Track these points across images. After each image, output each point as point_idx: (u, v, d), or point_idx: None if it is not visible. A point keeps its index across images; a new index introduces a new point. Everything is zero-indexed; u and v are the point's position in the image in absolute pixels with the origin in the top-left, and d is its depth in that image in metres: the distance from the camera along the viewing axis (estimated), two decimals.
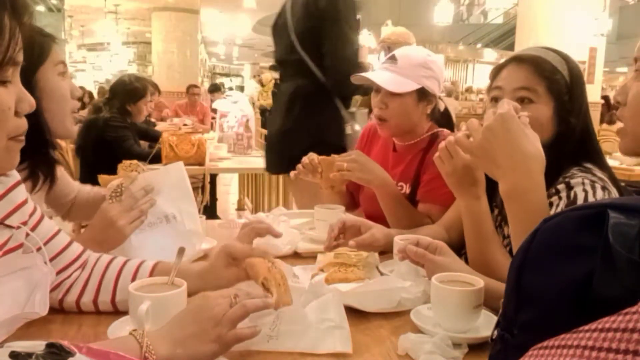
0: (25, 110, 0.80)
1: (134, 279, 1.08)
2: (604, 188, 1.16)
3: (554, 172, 1.19)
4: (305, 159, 1.70)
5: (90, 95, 10.27)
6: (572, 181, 1.17)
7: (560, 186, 1.18)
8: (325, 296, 1.01)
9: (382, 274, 1.32)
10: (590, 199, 1.13)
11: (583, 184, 1.16)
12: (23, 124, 0.81)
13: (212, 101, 8.14)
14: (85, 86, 12.42)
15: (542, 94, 1.23)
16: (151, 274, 1.09)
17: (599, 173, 1.20)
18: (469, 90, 12.71)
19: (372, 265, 1.36)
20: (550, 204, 1.16)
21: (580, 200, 1.13)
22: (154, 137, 4.08)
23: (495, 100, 1.27)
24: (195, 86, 8.08)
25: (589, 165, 1.21)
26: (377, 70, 1.79)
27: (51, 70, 1.28)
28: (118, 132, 3.40)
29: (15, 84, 0.78)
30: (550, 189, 1.18)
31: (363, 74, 1.81)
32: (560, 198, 1.16)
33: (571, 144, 1.23)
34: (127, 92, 3.59)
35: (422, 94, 1.72)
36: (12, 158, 0.82)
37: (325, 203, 1.79)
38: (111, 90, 3.77)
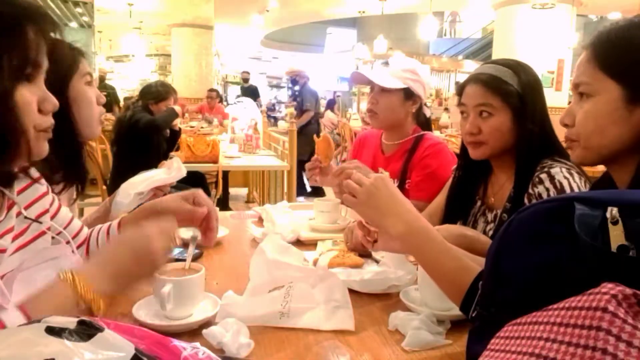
0: (48, 109, 0.79)
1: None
2: (578, 173, 1.20)
3: (527, 167, 1.25)
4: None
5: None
6: (552, 170, 1.20)
7: (543, 175, 1.21)
8: (332, 279, 1.01)
9: (374, 259, 1.32)
10: (572, 183, 1.17)
11: (562, 171, 1.19)
12: (48, 120, 0.80)
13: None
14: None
15: (498, 107, 1.26)
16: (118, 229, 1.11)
17: (568, 162, 1.22)
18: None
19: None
20: (540, 195, 1.20)
21: (566, 187, 1.17)
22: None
23: (465, 115, 1.32)
24: (213, 90, 8.36)
25: (558, 157, 1.24)
26: (372, 71, 1.88)
27: (79, 80, 1.29)
28: (138, 115, 3.46)
29: (38, 85, 0.77)
30: (534, 178, 1.22)
31: (361, 71, 1.88)
32: (547, 189, 1.19)
33: (535, 142, 1.25)
34: (150, 94, 3.64)
35: (408, 94, 1.81)
36: (42, 147, 0.80)
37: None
38: (139, 93, 3.83)
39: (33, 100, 0.76)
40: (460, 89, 1.35)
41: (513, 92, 1.25)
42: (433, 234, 0.92)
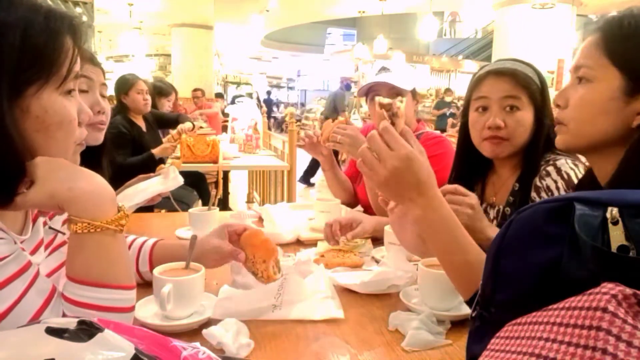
0: (85, 120, 0.78)
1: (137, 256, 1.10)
2: (583, 164, 1.21)
3: (535, 161, 1.25)
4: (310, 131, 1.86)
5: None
6: (558, 162, 1.22)
7: (550, 168, 1.22)
8: (317, 272, 1.05)
9: (374, 259, 1.32)
10: (579, 174, 1.18)
11: (567, 163, 1.21)
12: (84, 132, 0.80)
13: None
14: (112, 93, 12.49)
15: (525, 102, 1.25)
16: (151, 250, 1.10)
17: (571, 155, 1.24)
18: (447, 92, 12.47)
19: (365, 252, 1.36)
20: (548, 187, 1.20)
21: (574, 178, 1.18)
22: (170, 121, 3.91)
23: (483, 109, 1.27)
24: (197, 89, 8.26)
25: (558, 150, 1.24)
26: (379, 77, 1.82)
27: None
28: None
29: (76, 97, 0.76)
30: (540, 171, 1.23)
31: (384, 79, 1.81)
32: (555, 181, 1.20)
33: (547, 137, 1.25)
34: (118, 86, 3.36)
35: (414, 94, 1.88)
36: (76, 161, 0.81)
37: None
38: (115, 89, 3.45)
39: (75, 115, 0.75)
40: (477, 82, 1.29)
41: (536, 88, 1.26)
42: (452, 224, 0.83)
